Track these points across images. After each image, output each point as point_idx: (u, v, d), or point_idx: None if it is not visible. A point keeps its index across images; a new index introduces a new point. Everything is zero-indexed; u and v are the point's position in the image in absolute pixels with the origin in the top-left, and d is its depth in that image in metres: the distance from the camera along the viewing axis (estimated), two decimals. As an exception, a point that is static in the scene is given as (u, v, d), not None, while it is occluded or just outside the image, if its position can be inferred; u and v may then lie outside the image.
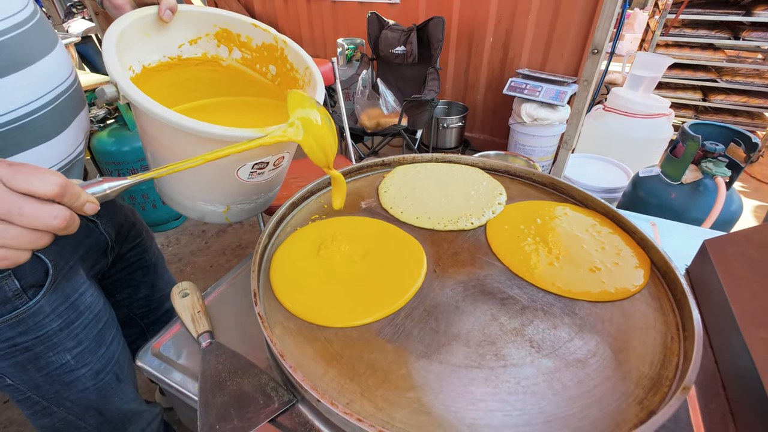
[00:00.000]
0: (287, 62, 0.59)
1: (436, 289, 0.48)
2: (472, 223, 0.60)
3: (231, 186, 0.50)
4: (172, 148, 0.47)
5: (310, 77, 0.56)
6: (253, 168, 0.48)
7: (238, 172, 0.48)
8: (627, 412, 0.35)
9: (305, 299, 0.46)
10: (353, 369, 0.39)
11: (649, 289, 0.49)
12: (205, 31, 0.57)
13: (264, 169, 0.50)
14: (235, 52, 0.60)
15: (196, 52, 0.57)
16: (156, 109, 0.40)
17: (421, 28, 2.01)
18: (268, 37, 0.59)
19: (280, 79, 0.62)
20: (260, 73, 0.63)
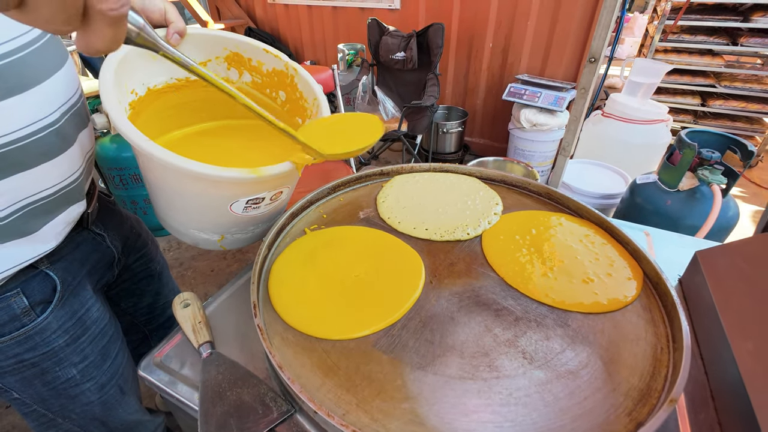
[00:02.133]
0: (297, 90, 0.60)
1: (432, 300, 0.50)
2: (468, 234, 0.61)
3: (225, 218, 0.51)
4: (161, 177, 0.48)
5: (317, 109, 0.57)
6: (248, 203, 0.49)
7: (232, 206, 0.48)
8: (616, 424, 0.36)
9: (303, 311, 0.47)
10: (350, 380, 0.40)
11: (641, 301, 0.50)
12: (215, 54, 0.57)
13: (260, 204, 0.51)
14: (245, 75, 0.61)
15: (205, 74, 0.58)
16: (143, 143, 0.40)
17: (421, 34, 2.03)
18: (279, 64, 0.59)
19: (289, 106, 0.63)
20: (270, 97, 0.63)
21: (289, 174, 0.48)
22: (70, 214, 0.49)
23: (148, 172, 0.50)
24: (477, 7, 2.16)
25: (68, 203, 0.48)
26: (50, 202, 0.45)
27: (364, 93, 2.07)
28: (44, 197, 0.45)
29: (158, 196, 0.53)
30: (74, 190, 0.49)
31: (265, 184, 0.48)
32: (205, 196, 0.48)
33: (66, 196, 0.47)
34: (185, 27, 0.49)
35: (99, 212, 0.60)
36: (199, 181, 0.44)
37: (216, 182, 0.44)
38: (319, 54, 2.87)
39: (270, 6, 2.89)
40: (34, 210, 0.44)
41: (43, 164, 0.44)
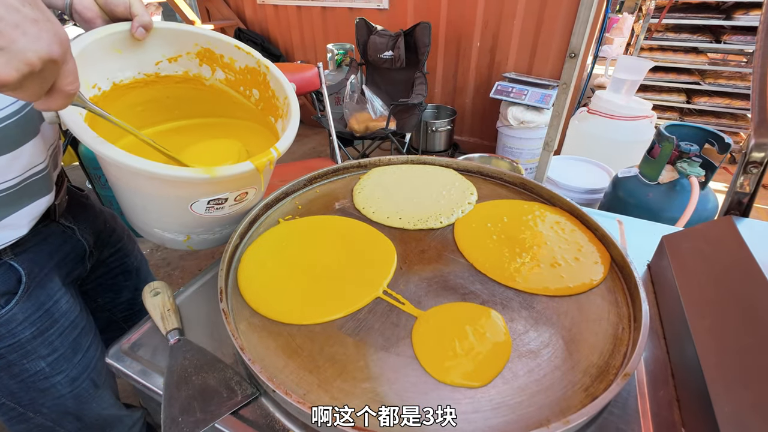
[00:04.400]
0: (269, 88, 0.60)
1: (401, 285, 0.50)
2: (441, 222, 0.61)
3: (187, 218, 0.50)
4: (117, 176, 0.48)
5: (288, 108, 0.57)
6: (210, 204, 0.49)
7: (192, 206, 0.48)
8: (572, 399, 0.37)
9: (270, 297, 0.47)
10: (313, 362, 0.40)
11: (607, 284, 0.50)
12: (185, 50, 0.57)
13: (224, 204, 0.50)
14: (218, 72, 0.61)
15: (177, 69, 0.57)
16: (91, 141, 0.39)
17: (409, 33, 2.04)
18: (251, 61, 0.59)
19: (263, 105, 0.62)
20: (244, 96, 0.63)
21: (249, 175, 0.47)
22: (36, 207, 0.49)
23: (107, 172, 0.50)
24: (464, 6, 2.17)
25: (33, 195, 0.48)
26: (12, 193, 0.45)
27: (352, 92, 2.08)
28: (5, 189, 0.44)
29: (119, 195, 0.53)
30: (38, 182, 0.48)
31: (222, 185, 0.47)
32: (163, 196, 0.47)
33: (29, 188, 0.47)
34: (151, 20, 0.49)
35: (69, 205, 0.60)
36: (153, 180, 0.44)
37: (170, 182, 0.44)
38: (309, 54, 2.88)
39: (260, 7, 2.89)
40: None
41: (4, 155, 0.43)
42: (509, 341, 0.42)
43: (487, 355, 0.40)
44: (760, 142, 0.49)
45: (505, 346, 0.42)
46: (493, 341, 0.42)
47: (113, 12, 0.48)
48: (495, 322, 0.44)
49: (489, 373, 0.39)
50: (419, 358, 0.40)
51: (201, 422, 0.38)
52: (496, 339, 0.42)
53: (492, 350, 0.41)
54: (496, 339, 0.42)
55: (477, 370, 0.39)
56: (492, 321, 0.44)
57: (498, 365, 0.40)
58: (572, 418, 0.32)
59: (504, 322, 0.44)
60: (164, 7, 3.22)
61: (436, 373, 0.39)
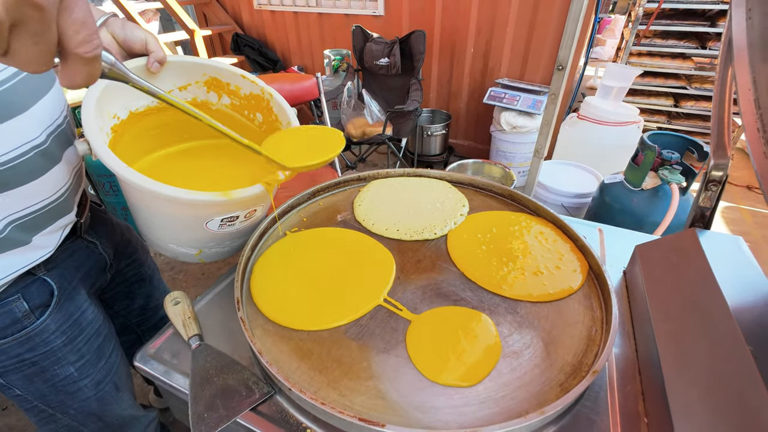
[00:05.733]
0: (272, 113, 0.65)
1: (399, 293, 0.55)
2: (435, 234, 0.67)
3: (201, 234, 0.55)
4: (139, 198, 0.53)
5: (288, 123, 0.62)
6: (222, 221, 0.54)
7: (207, 224, 0.53)
8: (549, 393, 0.42)
9: (281, 306, 0.52)
10: (322, 363, 0.45)
11: (584, 290, 0.56)
12: (194, 79, 0.62)
13: (235, 222, 0.56)
14: (224, 98, 0.66)
15: (186, 97, 0.63)
16: (120, 170, 0.44)
17: (404, 40, 2.09)
18: (256, 89, 0.65)
19: (266, 127, 0.67)
20: (248, 119, 0.68)
21: (260, 196, 0.53)
22: (59, 226, 0.53)
23: (128, 194, 0.55)
24: (458, 14, 2.23)
25: (57, 216, 0.52)
26: (38, 216, 0.49)
27: (349, 98, 2.13)
28: (32, 212, 0.48)
29: (138, 215, 0.58)
30: (62, 204, 0.52)
31: (237, 204, 0.52)
32: (180, 216, 0.53)
33: (54, 210, 0.51)
34: (165, 56, 0.54)
35: (91, 221, 0.65)
36: (174, 203, 0.49)
37: (190, 204, 0.49)
38: (306, 59, 2.92)
39: (257, 12, 2.93)
40: (23, 224, 0.48)
41: (31, 182, 0.46)
42: (498, 344, 0.48)
43: (478, 357, 0.46)
44: (718, 163, 0.54)
45: (495, 348, 0.47)
46: (484, 344, 0.47)
47: (131, 49, 0.53)
48: (486, 325, 0.50)
49: (479, 374, 0.44)
50: (413, 360, 0.45)
51: (224, 417, 0.43)
52: (487, 341, 0.48)
53: (482, 352, 0.46)
54: (486, 341, 0.48)
55: (468, 372, 0.44)
56: (483, 324, 0.50)
57: (488, 366, 0.45)
58: (547, 409, 0.38)
59: (494, 325, 0.50)
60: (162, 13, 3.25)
61: (429, 374, 0.44)
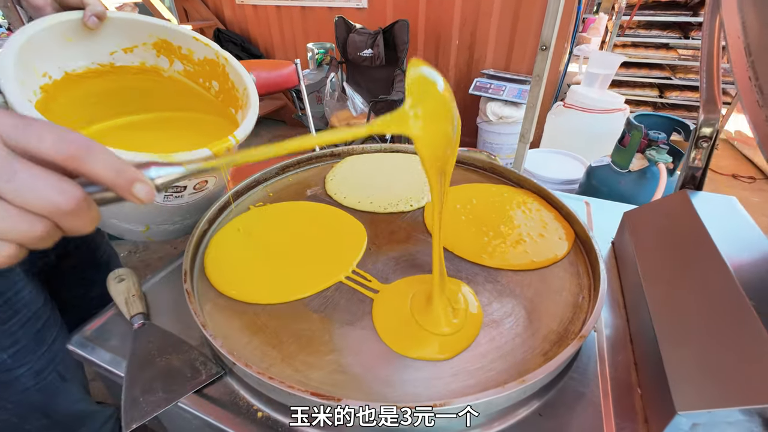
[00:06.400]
0: (228, 80, 0.59)
1: (368, 264, 0.50)
2: (411, 206, 0.62)
3: (144, 208, 0.49)
4: None
5: (247, 99, 0.56)
6: (168, 192, 0.48)
7: None
8: (531, 363, 0.38)
9: (237, 279, 0.47)
10: (277, 338, 0.40)
11: (570, 258, 0.52)
12: (141, 41, 0.56)
13: (183, 194, 0.50)
14: (176, 63, 0.60)
15: (133, 60, 0.56)
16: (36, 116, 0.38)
17: (387, 30, 2.06)
18: (210, 52, 0.59)
19: (223, 96, 0.61)
20: (204, 87, 0.62)
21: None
22: None
23: None
24: (442, 5, 2.20)
25: None
26: None
27: (332, 90, 2.08)
28: None
29: None
30: None
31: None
32: None
33: None
34: (104, 10, 0.48)
35: None
36: None
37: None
38: (290, 54, 2.87)
39: (239, 7, 2.87)
40: None
41: None
42: (480, 313, 0.43)
43: (456, 328, 0.41)
44: (708, 118, 0.51)
45: (476, 318, 0.42)
46: (463, 313, 0.42)
47: (65, 1, 0.47)
48: (464, 293, 0.45)
49: (457, 346, 0.39)
50: (380, 333, 0.40)
51: (163, 401, 0.38)
52: (466, 310, 0.43)
53: (461, 323, 0.41)
54: (465, 310, 0.43)
55: (445, 344, 0.39)
56: (461, 292, 0.45)
57: (467, 338, 0.40)
58: (528, 378, 0.33)
59: (473, 293, 0.45)
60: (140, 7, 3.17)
61: (398, 347, 0.39)
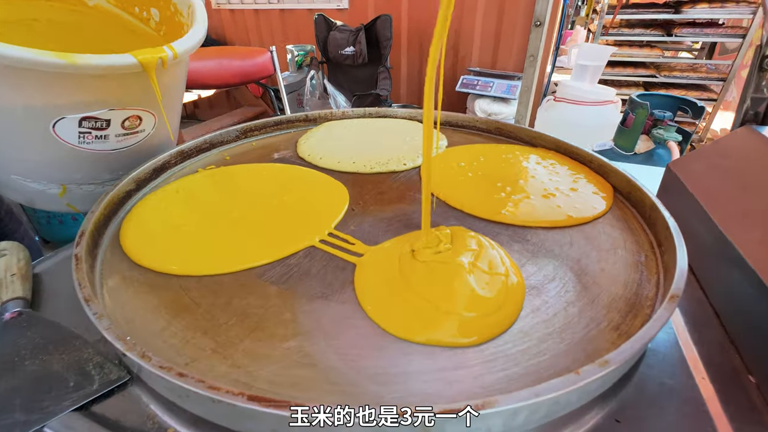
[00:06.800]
0: (170, 3, 0.47)
1: (351, 226, 0.37)
2: (405, 164, 0.50)
3: (55, 152, 0.36)
4: None
5: (192, 18, 0.44)
6: (83, 126, 0.35)
7: (55, 127, 0.34)
8: (599, 340, 0.25)
9: (161, 246, 0.33)
10: (211, 319, 0.26)
11: (613, 213, 0.40)
12: None
13: (106, 131, 0.37)
14: None
15: None
16: None
17: (369, 27, 1.98)
18: None
19: (166, 28, 0.49)
20: (141, 18, 0.50)
21: (133, 80, 0.34)
22: None
23: None
24: (425, 3, 2.14)
25: None
26: None
27: (313, 89, 1.97)
28: None
29: None
30: None
31: (94, 87, 0.34)
32: (7, 108, 0.33)
33: None
34: None
35: None
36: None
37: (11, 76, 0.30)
38: (269, 59, 2.77)
39: (215, 12, 2.77)
40: None
41: None
42: (519, 273, 0.30)
43: (487, 296, 0.28)
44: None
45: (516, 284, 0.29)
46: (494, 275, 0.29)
47: None
48: (489, 247, 0.32)
49: (495, 324, 0.26)
50: (365, 306, 0.27)
51: (19, 427, 0.23)
52: (497, 271, 0.30)
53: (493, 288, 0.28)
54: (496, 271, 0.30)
55: (473, 322, 0.26)
56: (484, 246, 0.32)
57: (509, 311, 0.27)
58: (611, 358, 0.20)
59: (501, 248, 0.32)
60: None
61: (396, 329, 0.26)
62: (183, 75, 0.45)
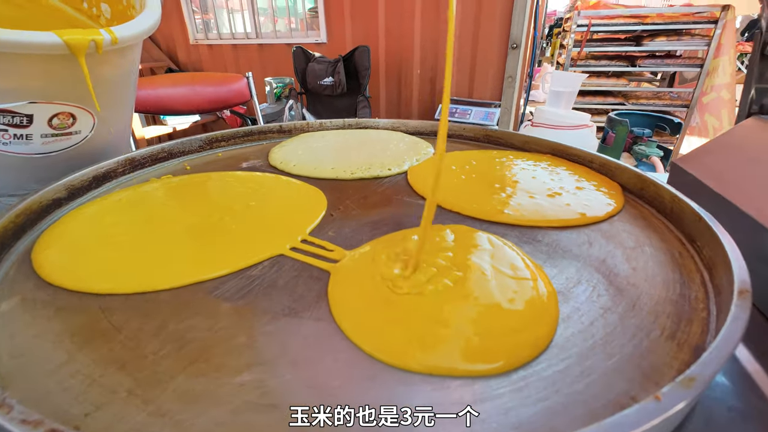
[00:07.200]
0: None
1: (329, 232, 0.31)
2: (390, 170, 0.44)
3: None
4: None
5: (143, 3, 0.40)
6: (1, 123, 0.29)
7: None
8: (655, 353, 0.19)
9: (83, 260, 0.26)
10: (134, 349, 0.19)
11: (628, 211, 0.35)
12: None
13: (29, 129, 0.31)
14: None
15: None
16: None
17: (348, 58, 2.00)
18: None
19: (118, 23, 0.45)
20: (89, 15, 0.45)
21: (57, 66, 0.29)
22: None
23: None
24: (402, 36, 2.20)
25: None
26: None
27: (292, 119, 1.95)
28: None
29: None
30: None
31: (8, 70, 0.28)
32: None
33: None
34: None
35: None
36: None
37: None
38: (248, 92, 2.76)
39: (193, 47, 2.78)
40: None
41: None
42: (545, 277, 0.24)
43: (513, 308, 0.22)
44: (774, 19, 0.38)
45: (548, 292, 0.23)
46: (520, 280, 0.23)
47: None
48: (503, 248, 0.26)
49: (526, 345, 0.20)
50: (342, 324, 0.21)
51: None
52: (521, 275, 0.24)
53: (519, 297, 0.22)
54: (519, 275, 0.24)
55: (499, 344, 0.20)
56: (501, 248, 0.26)
57: (543, 326, 0.21)
58: (697, 373, 0.14)
59: (520, 250, 0.27)
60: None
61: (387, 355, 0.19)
62: (130, 69, 0.40)
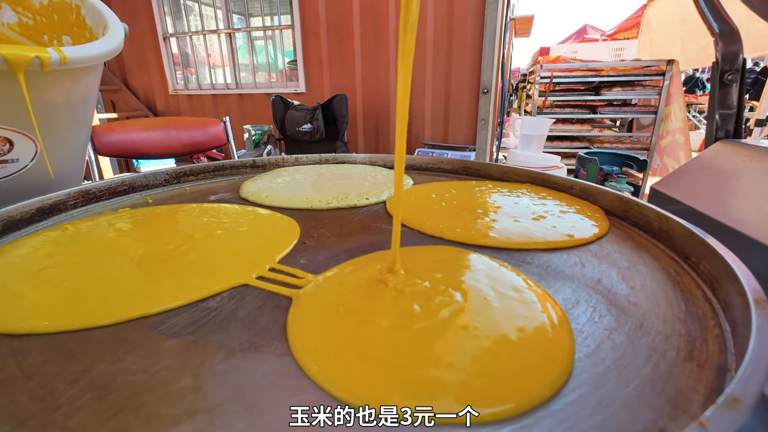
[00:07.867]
0: (86, 27, 0.42)
1: (301, 260, 0.28)
2: (368, 199, 0.42)
3: None
4: None
5: (106, 31, 0.39)
6: None
7: None
8: (676, 376, 0.16)
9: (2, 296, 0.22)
10: (44, 399, 0.15)
11: (614, 233, 0.34)
12: None
13: None
14: (6, 13, 0.42)
15: None
16: None
17: (326, 105, 2.06)
18: None
19: None
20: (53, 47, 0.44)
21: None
22: None
23: None
24: (377, 85, 2.31)
25: None
26: None
27: (270, 163, 1.95)
28: None
29: None
30: None
31: None
32: None
33: None
34: None
35: None
36: None
37: None
38: (226, 139, 2.78)
39: (172, 97, 2.82)
40: None
41: None
42: (555, 302, 0.21)
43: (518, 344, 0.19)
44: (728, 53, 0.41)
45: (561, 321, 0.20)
46: (526, 309, 0.21)
47: None
48: (501, 270, 0.24)
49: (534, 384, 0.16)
50: (303, 364, 0.17)
51: None
52: (527, 302, 0.21)
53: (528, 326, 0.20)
54: (527, 302, 0.21)
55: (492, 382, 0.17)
56: (498, 270, 0.24)
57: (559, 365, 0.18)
58: (739, 393, 0.12)
59: (514, 269, 0.24)
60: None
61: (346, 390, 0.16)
62: (84, 96, 0.38)
